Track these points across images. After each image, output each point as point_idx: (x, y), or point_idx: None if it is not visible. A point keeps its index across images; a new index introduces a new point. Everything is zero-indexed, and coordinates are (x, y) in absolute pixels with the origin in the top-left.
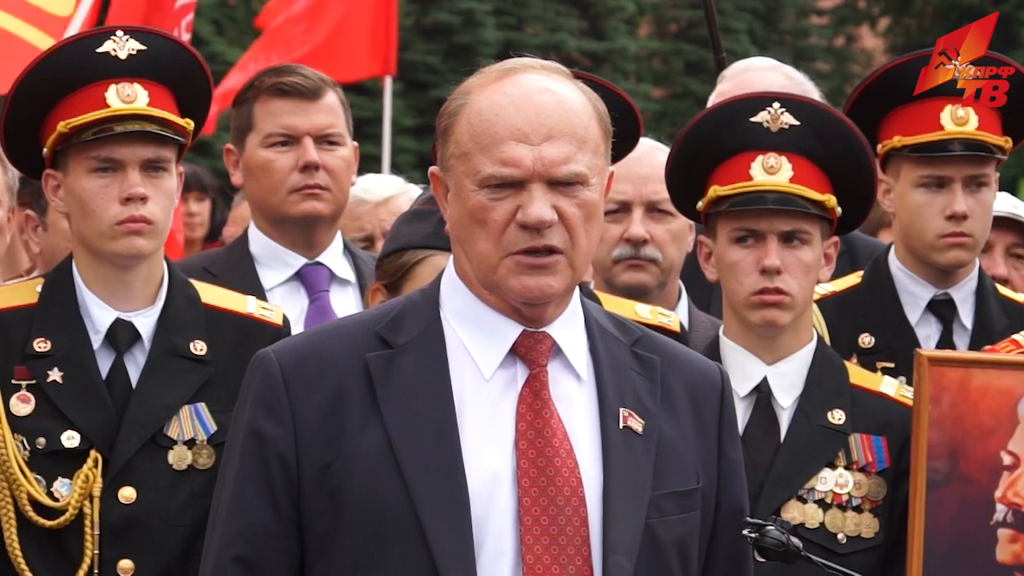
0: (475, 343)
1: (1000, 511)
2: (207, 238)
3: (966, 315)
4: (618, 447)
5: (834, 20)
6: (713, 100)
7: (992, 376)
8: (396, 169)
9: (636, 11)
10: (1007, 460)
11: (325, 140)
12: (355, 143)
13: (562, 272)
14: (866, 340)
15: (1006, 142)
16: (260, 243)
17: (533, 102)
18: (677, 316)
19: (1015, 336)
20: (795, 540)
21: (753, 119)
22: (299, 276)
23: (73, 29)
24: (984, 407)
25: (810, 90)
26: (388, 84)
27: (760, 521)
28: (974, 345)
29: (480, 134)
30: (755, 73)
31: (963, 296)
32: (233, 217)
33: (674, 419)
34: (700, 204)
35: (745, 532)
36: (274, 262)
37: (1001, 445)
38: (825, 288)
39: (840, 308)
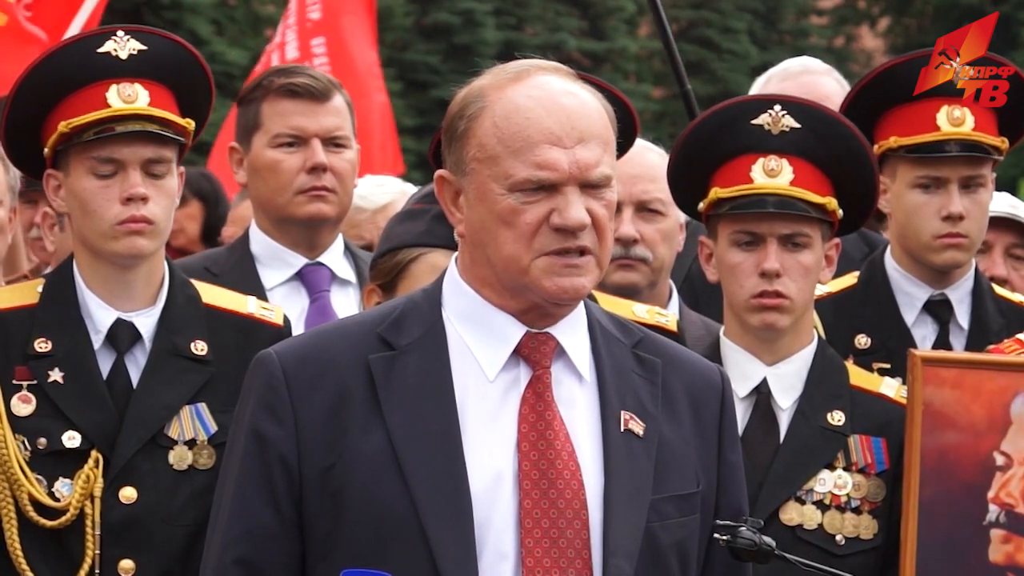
0: (478, 344)
1: (993, 511)
2: (203, 240)
3: (962, 315)
4: (619, 450)
5: (834, 20)
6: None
7: (985, 376)
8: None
9: (636, 11)
10: (1000, 460)
11: (332, 142)
12: (358, 144)
13: (592, 272)
14: (862, 341)
15: (1002, 143)
16: (261, 243)
17: (560, 104)
18: (674, 316)
19: (1020, 336)
20: (767, 539)
21: (754, 121)
22: (300, 276)
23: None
24: (977, 407)
25: None
26: None
27: (731, 523)
28: (970, 345)
29: (510, 137)
30: (814, 76)
31: (959, 296)
32: (232, 217)
33: (675, 422)
34: (701, 205)
35: (716, 536)
36: (275, 262)
37: (994, 445)
38: (821, 289)
39: (836, 309)
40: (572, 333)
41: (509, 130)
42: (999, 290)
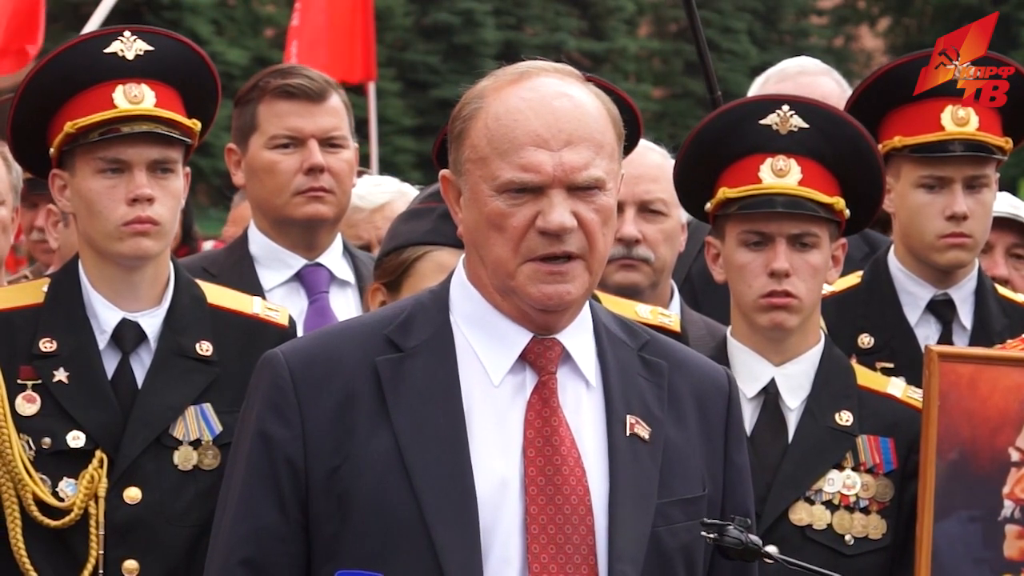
0: (484, 348)
1: (1008, 507)
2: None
3: (965, 315)
4: (625, 455)
5: (834, 20)
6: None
7: (1001, 372)
8: (394, 169)
9: (636, 11)
10: (1015, 456)
11: (329, 143)
12: (355, 144)
13: (579, 278)
14: (865, 340)
15: (1006, 143)
16: (260, 244)
17: (551, 107)
18: (677, 316)
19: None
20: (753, 538)
21: (762, 121)
22: (299, 277)
23: None
24: (993, 403)
25: None
26: (372, 89)
27: (719, 521)
28: (973, 345)
29: (498, 139)
30: (811, 77)
31: (963, 296)
32: (233, 218)
33: (681, 425)
34: (709, 205)
35: (703, 534)
36: (274, 263)
37: (1009, 441)
38: (825, 288)
39: (839, 308)
40: (578, 337)
41: (498, 132)
42: (1002, 290)
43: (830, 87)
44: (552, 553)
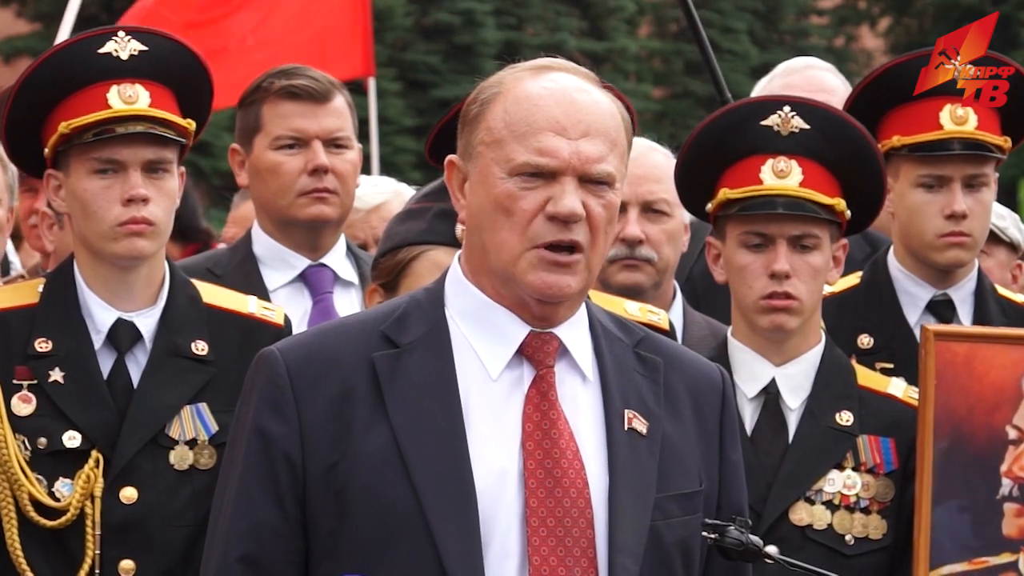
0: (481, 343)
1: (1006, 485)
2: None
3: (965, 316)
4: (623, 449)
5: (834, 20)
6: (766, 92)
7: (997, 350)
8: (395, 169)
9: (636, 11)
10: (1012, 434)
11: (333, 143)
12: (359, 145)
13: (580, 272)
14: (865, 341)
15: (1005, 142)
16: (264, 244)
17: (572, 98)
18: (666, 314)
19: None
20: (754, 539)
21: (763, 122)
22: (303, 277)
23: None
24: (989, 381)
25: None
26: (372, 85)
27: (719, 522)
28: None
29: (517, 122)
30: (818, 71)
31: (962, 296)
32: (233, 218)
33: (677, 421)
34: (709, 206)
35: (704, 534)
36: (278, 263)
37: (1006, 419)
38: (824, 289)
39: (839, 309)
40: (575, 332)
41: (517, 115)
42: (1002, 290)
43: (835, 82)
44: (552, 545)
